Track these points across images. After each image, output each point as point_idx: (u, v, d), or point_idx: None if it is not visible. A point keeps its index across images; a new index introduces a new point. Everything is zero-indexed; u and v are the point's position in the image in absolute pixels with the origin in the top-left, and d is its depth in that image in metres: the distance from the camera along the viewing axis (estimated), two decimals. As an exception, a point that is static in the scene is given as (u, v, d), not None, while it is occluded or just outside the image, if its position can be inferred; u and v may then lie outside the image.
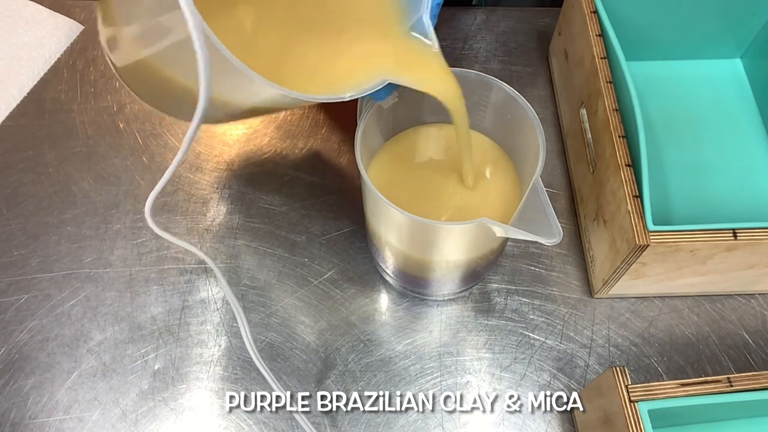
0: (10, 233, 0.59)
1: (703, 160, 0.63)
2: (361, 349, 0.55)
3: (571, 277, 0.59)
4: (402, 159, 0.54)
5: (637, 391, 0.42)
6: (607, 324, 0.56)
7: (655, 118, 0.66)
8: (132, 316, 0.56)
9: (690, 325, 0.56)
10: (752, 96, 0.67)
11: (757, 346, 0.55)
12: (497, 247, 0.51)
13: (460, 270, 0.51)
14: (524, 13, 0.76)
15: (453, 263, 0.50)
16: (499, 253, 0.54)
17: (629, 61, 0.53)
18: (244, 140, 0.66)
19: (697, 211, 0.60)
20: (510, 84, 0.48)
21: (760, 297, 0.58)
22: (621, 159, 0.50)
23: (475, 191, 0.52)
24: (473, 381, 0.54)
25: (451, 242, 0.47)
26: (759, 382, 0.43)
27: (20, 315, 0.56)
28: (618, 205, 0.50)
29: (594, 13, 0.58)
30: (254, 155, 0.65)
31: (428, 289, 0.56)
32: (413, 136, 0.55)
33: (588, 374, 0.54)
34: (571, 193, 0.63)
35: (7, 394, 0.52)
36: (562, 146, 0.66)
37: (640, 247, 0.47)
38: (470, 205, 0.51)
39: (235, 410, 0.52)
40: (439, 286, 0.55)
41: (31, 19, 0.72)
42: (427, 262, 0.50)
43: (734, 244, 0.48)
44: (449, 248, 0.47)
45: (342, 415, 0.52)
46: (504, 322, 0.56)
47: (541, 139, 0.45)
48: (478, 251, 0.49)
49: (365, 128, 0.48)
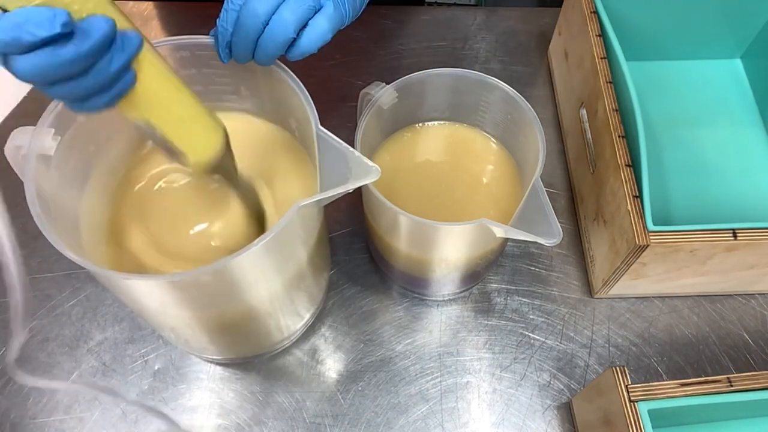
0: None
1: (703, 160, 0.63)
2: (361, 349, 0.55)
3: (571, 277, 0.59)
4: (401, 158, 0.54)
5: (637, 391, 0.42)
6: (607, 324, 0.56)
7: (655, 118, 0.66)
8: (132, 316, 0.56)
9: (690, 325, 0.56)
10: (752, 96, 0.67)
11: (757, 346, 0.55)
12: (497, 248, 0.51)
13: (460, 270, 0.51)
14: (524, 13, 0.76)
15: (453, 263, 0.50)
16: (499, 253, 0.54)
17: (629, 61, 0.54)
18: (244, 140, 0.66)
19: (697, 211, 0.60)
20: (510, 84, 0.49)
21: (760, 297, 0.58)
22: (621, 159, 0.50)
23: (476, 191, 0.52)
24: (473, 381, 0.54)
25: (451, 242, 0.47)
26: (759, 382, 0.43)
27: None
28: (618, 205, 0.50)
29: (594, 13, 0.58)
30: (254, 155, 0.65)
31: (428, 289, 0.56)
32: (412, 135, 0.55)
33: (588, 374, 0.54)
34: (571, 193, 0.63)
35: (7, 394, 0.52)
36: (562, 146, 0.66)
37: (640, 248, 0.47)
38: (470, 204, 0.51)
39: (235, 410, 0.52)
40: (440, 286, 0.55)
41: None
42: (427, 262, 0.50)
43: (734, 244, 0.48)
44: (449, 248, 0.47)
45: (342, 415, 0.52)
46: (504, 322, 0.56)
47: (541, 140, 0.45)
48: (478, 251, 0.49)
49: (365, 128, 0.48)
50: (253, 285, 0.42)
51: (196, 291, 0.40)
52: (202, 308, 0.43)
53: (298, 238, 0.43)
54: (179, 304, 0.41)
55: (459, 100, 0.53)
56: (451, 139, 0.55)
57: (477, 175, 0.53)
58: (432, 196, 0.52)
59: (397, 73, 0.50)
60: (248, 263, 0.38)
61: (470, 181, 0.53)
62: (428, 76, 0.50)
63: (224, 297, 0.42)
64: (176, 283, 0.37)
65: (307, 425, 0.51)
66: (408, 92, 0.50)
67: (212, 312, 0.43)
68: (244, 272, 0.39)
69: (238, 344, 0.52)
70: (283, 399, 0.52)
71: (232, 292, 0.41)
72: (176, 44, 0.43)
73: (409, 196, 0.51)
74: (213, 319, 0.44)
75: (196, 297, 0.41)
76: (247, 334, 0.49)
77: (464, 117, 0.55)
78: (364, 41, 0.73)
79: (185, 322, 0.44)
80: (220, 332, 0.47)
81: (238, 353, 0.53)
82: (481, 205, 0.51)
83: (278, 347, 0.54)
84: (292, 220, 0.37)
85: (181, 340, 0.49)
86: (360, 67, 0.71)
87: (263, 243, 0.36)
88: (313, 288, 0.52)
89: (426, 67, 0.50)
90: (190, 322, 0.44)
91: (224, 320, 0.45)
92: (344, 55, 0.72)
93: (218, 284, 0.40)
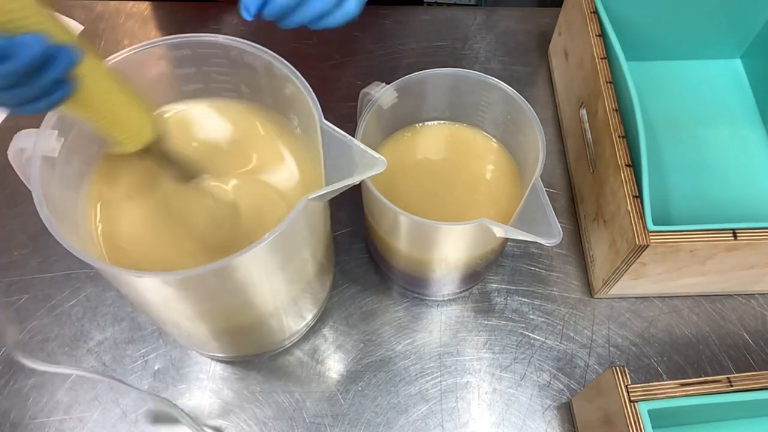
0: (10, 233, 0.59)
1: (703, 160, 0.63)
2: (361, 349, 0.55)
3: (571, 277, 0.59)
4: (401, 158, 0.54)
5: (637, 391, 0.42)
6: (607, 324, 0.56)
7: (655, 118, 0.66)
8: (132, 316, 0.56)
9: (690, 325, 0.56)
10: (752, 96, 0.67)
11: (757, 346, 0.55)
12: (497, 248, 0.51)
13: (460, 270, 0.51)
14: (524, 13, 0.76)
15: (453, 263, 0.50)
16: (499, 253, 0.54)
17: (629, 61, 0.53)
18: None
19: (697, 211, 0.60)
20: (510, 84, 0.48)
21: (760, 297, 0.58)
22: (621, 159, 0.50)
23: (476, 190, 0.52)
24: (473, 381, 0.54)
25: (451, 242, 0.47)
26: (759, 382, 0.43)
27: (20, 315, 0.56)
28: (618, 205, 0.50)
29: (594, 13, 0.58)
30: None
31: (429, 289, 0.56)
32: (412, 135, 0.55)
33: (588, 374, 0.54)
34: (571, 193, 0.63)
35: (8, 394, 0.52)
36: (562, 146, 0.66)
37: (640, 248, 0.47)
38: (470, 204, 0.51)
39: (235, 410, 0.52)
40: (440, 286, 0.55)
41: (31, 19, 0.72)
42: (427, 262, 0.50)
43: (734, 244, 0.48)
44: (449, 248, 0.47)
45: (342, 415, 0.52)
46: (504, 322, 0.56)
47: (541, 140, 0.45)
48: (478, 251, 0.49)
49: (365, 128, 0.48)
50: (257, 284, 0.42)
51: (202, 288, 0.40)
52: (207, 305, 0.43)
53: (303, 234, 0.43)
54: (185, 300, 0.41)
55: (459, 100, 0.53)
56: (451, 138, 0.55)
57: (477, 174, 0.53)
58: (432, 196, 0.52)
59: (397, 73, 0.50)
60: (254, 260, 0.38)
61: (470, 180, 0.53)
62: (428, 76, 0.50)
63: (228, 294, 0.42)
64: (183, 280, 0.37)
65: (307, 425, 0.51)
66: (408, 92, 0.50)
67: (216, 309, 0.44)
68: (249, 270, 0.39)
69: (241, 342, 0.52)
70: (283, 399, 0.52)
71: (236, 290, 0.41)
72: (176, 42, 0.43)
73: (409, 196, 0.51)
74: (217, 316, 0.44)
75: (202, 294, 0.41)
76: (249, 332, 0.49)
77: (464, 117, 0.55)
78: (364, 41, 0.73)
79: (189, 318, 0.44)
80: (223, 329, 0.47)
81: (240, 351, 0.53)
82: (481, 204, 0.51)
83: (279, 347, 0.54)
84: (298, 215, 0.37)
85: (184, 334, 0.49)
86: (360, 67, 0.71)
87: (272, 238, 0.36)
88: (317, 289, 0.52)
89: (426, 67, 0.50)
90: (194, 318, 0.44)
91: (228, 317, 0.45)
92: (344, 55, 0.71)
93: (223, 282, 0.40)
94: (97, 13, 0.74)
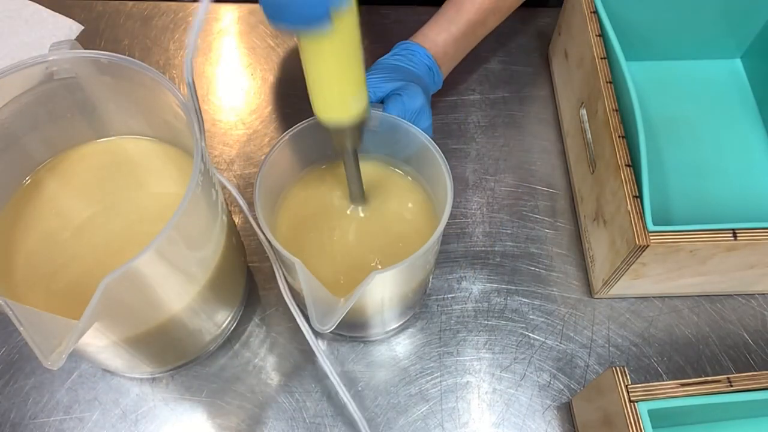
0: (10, 233, 0.59)
1: (703, 160, 0.63)
2: (361, 350, 0.55)
3: (571, 277, 0.59)
4: (309, 202, 0.52)
5: (637, 391, 0.42)
6: (607, 324, 0.56)
7: (655, 118, 0.66)
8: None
9: (690, 325, 0.56)
10: (752, 96, 0.67)
11: (757, 346, 0.55)
12: (423, 279, 0.50)
13: (393, 309, 0.51)
14: (524, 13, 0.76)
15: (386, 305, 0.49)
16: (426, 284, 0.53)
17: (629, 61, 0.54)
18: (245, 140, 0.66)
19: (697, 211, 0.60)
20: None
21: (760, 297, 0.58)
22: (621, 159, 0.50)
23: (393, 229, 0.51)
24: (473, 381, 0.54)
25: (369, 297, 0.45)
26: (759, 382, 0.43)
27: (20, 315, 0.56)
28: (618, 206, 0.50)
29: (594, 13, 0.58)
30: (254, 155, 0.65)
31: (369, 330, 0.54)
32: (322, 175, 0.53)
33: (588, 374, 0.54)
34: (571, 193, 0.63)
35: (8, 394, 0.52)
36: (562, 146, 0.66)
37: (640, 248, 0.47)
38: (388, 242, 0.50)
39: (234, 410, 0.52)
40: (378, 325, 0.53)
41: (31, 19, 0.72)
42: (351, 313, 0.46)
43: (734, 244, 0.48)
44: (374, 299, 0.46)
45: (342, 415, 0.52)
46: (504, 322, 0.56)
47: (449, 177, 0.45)
48: (406, 287, 0.48)
49: (268, 169, 0.46)
50: (162, 288, 0.41)
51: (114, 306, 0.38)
52: (122, 324, 0.42)
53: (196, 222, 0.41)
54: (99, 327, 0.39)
55: (373, 138, 0.50)
56: (367, 177, 0.51)
57: (395, 212, 0.52)
58: (338, 239, 0.50)
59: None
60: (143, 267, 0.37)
61: (389, 219, 0.51)
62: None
63: (140, 308, 0.41)
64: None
65: (307, 425, 0.51)
66: (304, 135, 0.48)
67: (130, 324, 0.43)
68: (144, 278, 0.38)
69: (168, 352, 0.50)
70: (283, 399, 0.52)
71: (145, 302, 0.41)
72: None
73: (319, 245, 0.50)
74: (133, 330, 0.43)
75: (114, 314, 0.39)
76: (172, 339, 0.48)
77: (378, 154, 0.53)
78: (364, 41, 0.72)
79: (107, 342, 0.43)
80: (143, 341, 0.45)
81: (171, 362, 0.52)
82: (394, 240, 0.50)
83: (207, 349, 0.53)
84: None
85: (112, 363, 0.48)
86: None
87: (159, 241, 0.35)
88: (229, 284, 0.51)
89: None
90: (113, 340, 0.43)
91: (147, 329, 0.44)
92: (344, 55, 0.71)
93: (128, 293, 0.39)
94: (97, 13, 0.74)
